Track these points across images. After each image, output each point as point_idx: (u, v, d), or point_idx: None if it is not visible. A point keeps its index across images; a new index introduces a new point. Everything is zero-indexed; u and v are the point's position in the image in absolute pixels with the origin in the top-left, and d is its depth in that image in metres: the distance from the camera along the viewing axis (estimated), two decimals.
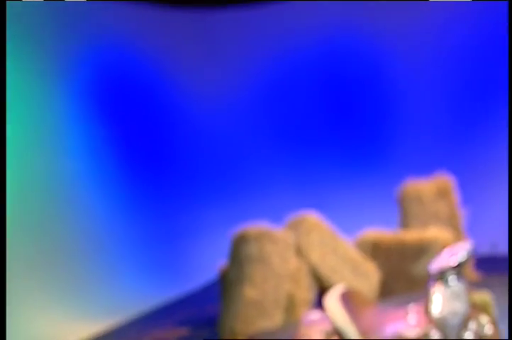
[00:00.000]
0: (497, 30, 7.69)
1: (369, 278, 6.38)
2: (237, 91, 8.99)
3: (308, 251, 6.23)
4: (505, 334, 4.47)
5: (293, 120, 9.04)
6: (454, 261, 2.84)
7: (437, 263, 2.88)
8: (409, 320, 2.94)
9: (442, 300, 2.83)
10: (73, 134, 7.20)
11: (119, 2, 7.70)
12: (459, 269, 2.86)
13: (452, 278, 2.85)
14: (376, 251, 6.49)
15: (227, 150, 8.98)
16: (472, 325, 2.81)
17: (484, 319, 2.84)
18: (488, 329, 2.83)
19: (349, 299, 3.25)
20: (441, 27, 8.30)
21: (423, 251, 6.13)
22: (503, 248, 7.36)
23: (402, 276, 6.34)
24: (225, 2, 8.72)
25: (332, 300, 3.21)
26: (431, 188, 6.59)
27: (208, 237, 8.19)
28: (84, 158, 7.24)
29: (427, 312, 2.88)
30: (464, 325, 2.80)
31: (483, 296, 3.06)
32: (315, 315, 3.42)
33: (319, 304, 3.56)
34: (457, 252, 2.88)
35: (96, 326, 6.34)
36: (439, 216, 6.52)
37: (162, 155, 8.39)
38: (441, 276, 2.86)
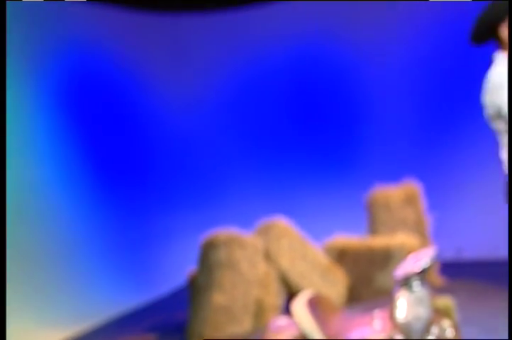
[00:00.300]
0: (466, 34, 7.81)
1: (337, 283, 6.45)
2: (208, 97, 9.03)
3: (277, 257, 6.28)
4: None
5: (264, 126, 9.09)
6: (418, 267, 2.92)
7: (402, 270, 2.96)
8: (375, 325, 3.02)
9: (406, 306, 2.92)
10: (41, 139, 7.18)
11: (88, 3, 7.68)
12: (422, 275, 2.94)
13: (416, 284, 2.93)
14: (344, 257, 6.56)
15: (197, 156, 9.01)
16: (434, 329, 2.91)
17: (446, 323, 2.94)
18: (450, 333, 2.93)
19: (316, 305, 3.32)
20: (411, 32, 8.35)
21: (391, 257, 6.22)
22: (467, 254, 7.50)
23: (370, 282, 6.42)
24: (197, 7, 8.76)
25: (300, 306, 3.28)
26: (399, 194, 6.70)
27: (177, 243, 8.21)
28: (52, 163, 7.22)
29: (392, 317, 2.96)
30: (426, 329, 2.89)
31: (446, 301, 3.15)
32: (282, 321, 3.49)
33: (288, 309, 3.62)
34: (421, 258, 2.97)
35: (64, 332, 6.33)
36: (406, 222, 6.62)
37: (131, 160, 8.38)
38: (405, 282, 2.94)
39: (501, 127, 3.90)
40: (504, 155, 4.00)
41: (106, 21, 7.98)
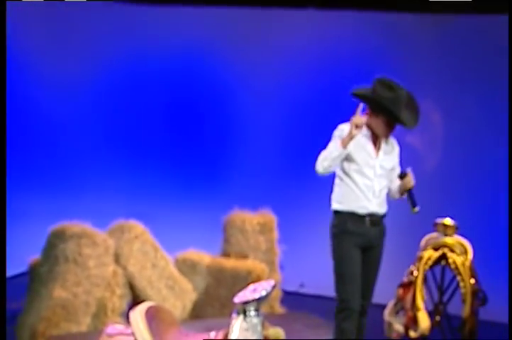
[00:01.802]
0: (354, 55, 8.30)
1: (183, 296, 6.73)
2: (86, 86, 9.06)
3: (127, 260, 6.50)
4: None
5: (136, 130, 9.17)
6: (256, 296, 3.33)
7: (241, 296, 3.37)
8: None
9: (239, 331, 3.33)
10: None
11: None
12: (259, 304, 3.36)
13: (252, 311, 3.35)
14: (194, 272, 6.88)
15: (64, 143, 9.06)
16: None
17: None
18: None
19: (154, 316, 3.67)
20: (292, 55, 8.61)
21: (238, 280, 6.58)
22: (308, 289, 8.02)
23: (216, 301, 6.76)
24: None
25: (137, 314, 3.62)
26: (256, 221, 7.09)
27: (22, 227, 8.20)
28: None
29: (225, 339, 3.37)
30: None
31: (276, 330, 3.55)
32: (118, 327, 3.81)
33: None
34: (261, 288, 3.38)
35: None
36: (259, 249, 7.03)
37: None
38: (242, 308, 3.35)
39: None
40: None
41: None
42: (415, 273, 5.29)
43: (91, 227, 6.30)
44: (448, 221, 5.44)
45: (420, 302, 5.18)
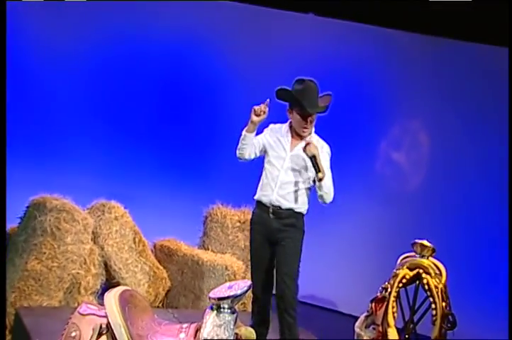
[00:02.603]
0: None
1: (158, 284, 6.79)
2: (78, 69, 9.13)
3: (105, 240, 6.56)
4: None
5: (128, 112, 9.23)
6: (231, 293, 3.42)
7: (217, 292, 3.46)
8: (179, 337, 3.48)
9: (212, 326, 3.41)
10: None
11: None
12: (234, 301, 3.45)
13: (226, 309, 3.43)
14: (170, 260, 6.95)
15: (54, 116, 9.10)
16: None
17: None
18: None
19: (129, 301, 3.74)
20: (287, 55, 8.69)
21: (215, 274, 6.67)
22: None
23: (190, 292, 6.82)
24: None
25: (112, 297, 3.68)
26: (236, 217, 7.16)
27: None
28: None
29: (197, 334, 3.45)
30: None
31: (249, 330, 3.62)
32: (92, 307, 3.87)
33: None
34: (237, 287, 3.46)
35: None
36: (237, 245, 7.12)
37: None
38: (217, 304, 3.43)
39: None
40: None
41: None
42: (389, 289, 5.39)
43: (71, 202, 6.34)
44: (426, 242, 5.55)
45: (391, 319, 5.29)
